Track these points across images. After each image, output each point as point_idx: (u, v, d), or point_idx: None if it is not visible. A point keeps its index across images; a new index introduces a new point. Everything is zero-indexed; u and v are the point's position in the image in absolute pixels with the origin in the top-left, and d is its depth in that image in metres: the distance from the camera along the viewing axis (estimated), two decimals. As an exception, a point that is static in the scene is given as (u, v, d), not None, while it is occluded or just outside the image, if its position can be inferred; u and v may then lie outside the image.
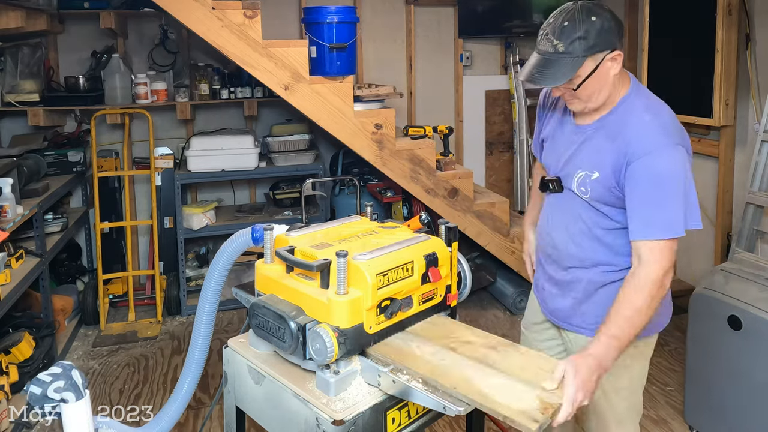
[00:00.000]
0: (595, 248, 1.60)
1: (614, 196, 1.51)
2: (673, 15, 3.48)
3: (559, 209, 1.67)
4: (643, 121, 1.48)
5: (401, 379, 1.32)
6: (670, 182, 1.42)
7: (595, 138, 1.55)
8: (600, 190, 1.53)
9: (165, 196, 3.94)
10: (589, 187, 1.54)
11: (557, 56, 1.44)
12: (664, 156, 1.43)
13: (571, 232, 1.63)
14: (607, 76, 1.47)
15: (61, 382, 1.23)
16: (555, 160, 1.66)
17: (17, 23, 2.98)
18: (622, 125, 1.49)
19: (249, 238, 1.62)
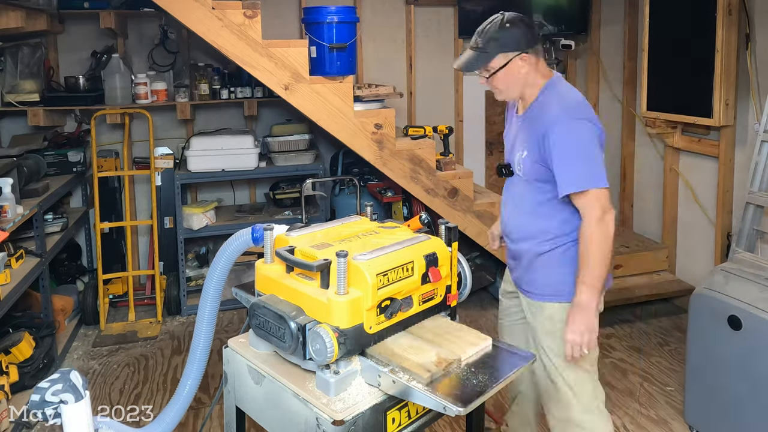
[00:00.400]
0: (531, 221, 1.90)
1: (541, 168, 1.82)
2: (673, 15, 3.48)
3: (508, 190, 2.00)
4: (553, 104, 1.83)
5: (401, 379, 1.32)
6: (577, 147, 1.75)
7: (525, 123, 1.90)
8: (529, 165, 1.85)
9: (165, 196, 3.94)
10: (522, 164, 1.87)
11: (476, 49, 1.85)
12: (570, 127, 1.76)
13: (515, 208, 1.96)
14: (518, 72, 1.84)
15: (59, 385, 1.24)
16: (508, 149, 2.00)
17: (17, 23, 2.98)
18: (540, 111, 1.85)
19: (249, 238, 1.62)
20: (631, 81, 4.17)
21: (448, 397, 1.28)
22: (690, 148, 3.63)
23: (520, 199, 1.92)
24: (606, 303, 3.55)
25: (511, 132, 1.98)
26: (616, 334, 3.44)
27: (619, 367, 3.07)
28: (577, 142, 1.75)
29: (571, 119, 1.76)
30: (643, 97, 3.68)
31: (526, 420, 2.24)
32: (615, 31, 4.33)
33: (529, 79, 1.86)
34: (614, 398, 2.80)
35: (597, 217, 1.72)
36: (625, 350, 3.25)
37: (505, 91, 1.88)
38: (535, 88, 1.87)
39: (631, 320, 3.60)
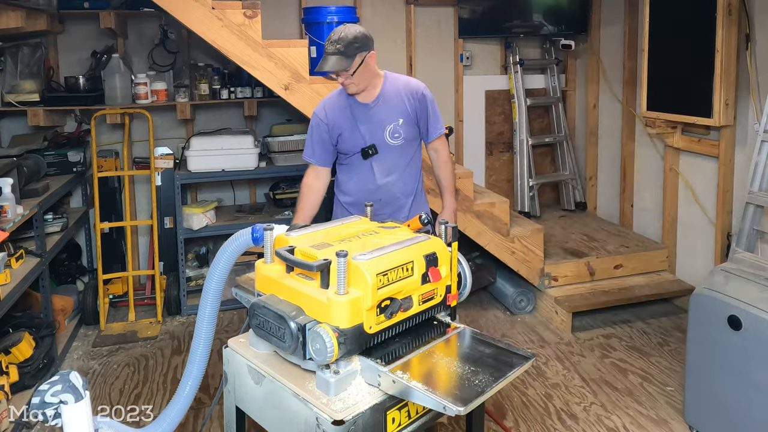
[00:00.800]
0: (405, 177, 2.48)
1: (416, 127, 2.45)
2: (673, 15, 3.48)
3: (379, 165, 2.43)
4: (405, 78, 2.49)
5: (401, 379, 1.32)
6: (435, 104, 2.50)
7: (381, 104, 2.40)
8: (409, 128, 2.43)
9: (165, 196, 3.93)
10: (401, 130, 2.41)
11: (339, 53, 2.25)
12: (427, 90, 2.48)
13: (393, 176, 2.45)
14: (369, 67, 2.33)
15: (58, 386, 1.24)
16: (359, 137, 2.41)
17: (17, 23, 2.98)
18: (395, 88, 2.43)
19: (249, 238, 1.62)
20: (631, 81, 4.17)
21: (448, 396, 1.28)
22: (690, 148, 3.63)
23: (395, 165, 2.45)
24: (606, 303, 3.57)
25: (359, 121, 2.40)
26: (616, 334, 3.44)
27: (619, 367, 3.07)
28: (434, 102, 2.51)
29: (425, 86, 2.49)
30: (643, 97, 3.68)
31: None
32: (615, 31, 4.33)
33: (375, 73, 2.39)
34: (614, 398, 2.80)
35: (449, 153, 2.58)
36: (625, 350, 3.25)
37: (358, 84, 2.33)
38: (378, 80, 2.41)
39: (631, 320, 3.60)
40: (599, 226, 4.37)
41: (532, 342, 3.37)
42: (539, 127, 4.79)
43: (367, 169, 2.46)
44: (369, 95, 2.41)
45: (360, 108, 2.42)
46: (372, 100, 2.41)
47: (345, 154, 2.49)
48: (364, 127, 2.41)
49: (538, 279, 3.64)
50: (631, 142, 4.22)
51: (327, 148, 2.48)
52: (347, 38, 2.25)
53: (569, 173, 4.70)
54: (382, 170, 2.45)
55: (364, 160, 2.44)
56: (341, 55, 2.24)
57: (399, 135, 2.41)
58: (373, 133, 2.41)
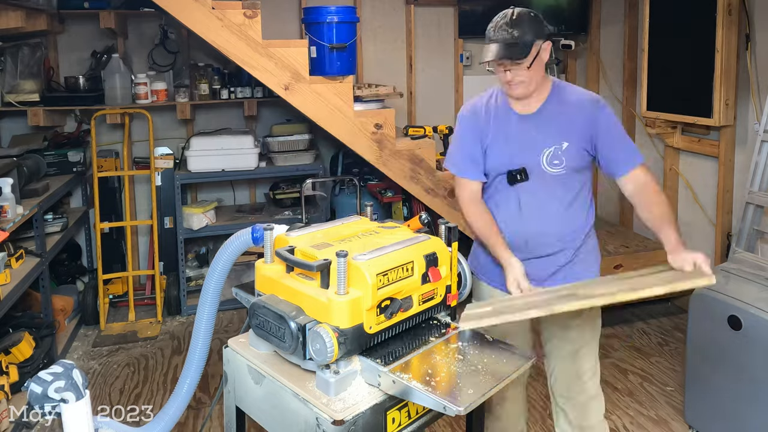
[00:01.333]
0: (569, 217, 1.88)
1: (586, 156, 1.85)
2: (673, 15, 3.48)
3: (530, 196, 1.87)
4: (578, 90, 1.90)
5: (401, 379, 1.32)
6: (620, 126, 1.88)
7: (545, 119, 1.85)
8: (575, 155, 1.82)
9: (165, 196, 3.93)
10: (563, 157, 1.82)
11: (515, 40, 1.77)
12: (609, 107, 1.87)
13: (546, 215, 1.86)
14: (542, 61, 1.83)
15: (61, 381, 1.23)
16: (509, 154, 1.87)
17: (17, 23, 2.98)
18: (566, 99, 1.86)
19: (249, 238, 1.62)
20: (631, 81, 4.17)
21: (447, 396, 1.28)
22: (690, 148, 3.62)
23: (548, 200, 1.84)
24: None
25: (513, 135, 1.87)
26: (616, 334, 3.44)
27: (619, 367, 3.07)
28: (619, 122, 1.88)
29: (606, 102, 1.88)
30: (643, 97, 3.68)
31: None
32: (615, 31, 4.33)
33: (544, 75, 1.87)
34: (614, 398, 2.80)
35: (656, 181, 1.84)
36: (625, 350, 3.25)
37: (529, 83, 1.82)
38: (547, 82, 1.88)
39: (631, 320, 3.60)
40: (599, 226, 4.35)
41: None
42: (539, 127, 4.79)
43: (512, 199, 1.89)
44: (529, 104, 1.87)
45: (516, 119, 1.89)
46: (533, 112, 1.86)
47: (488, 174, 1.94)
48: (516, 144, 1.86)
49: (538, 279, 3.63)
50: (631, 142, 4.22)
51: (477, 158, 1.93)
52: (523, 20, 1.78)
53: (569, 173, 4.69)
54: (532, 205, 1.86)
55: (510, 185, 1.88)
56: (516, 42, 1.76)
57: (560, 162, 1.82)
58: (525, 154, 1.85)
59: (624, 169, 1.81)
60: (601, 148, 1.82)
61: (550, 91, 1.87)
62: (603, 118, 1.82)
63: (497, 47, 1.80)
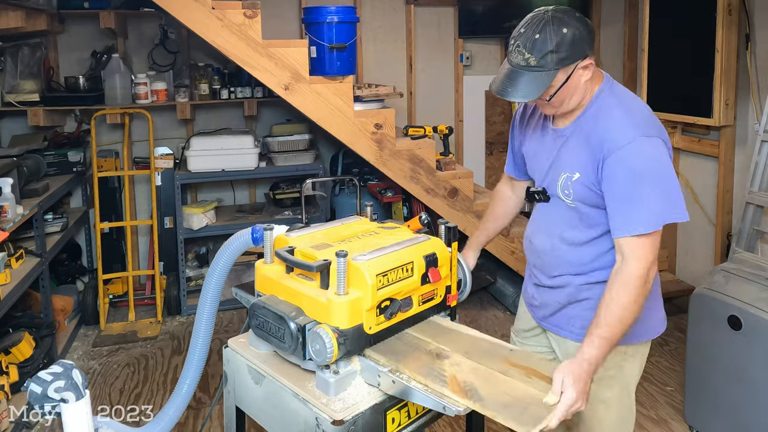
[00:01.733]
0: (579, 254, 1.59)
1: (596, 195, 1.50)
2: (673, 15, 3.48)
3: (545, 218, 1.67)
4: (615, 116, 1.47)
5: (401, 379, 1.32)
6: (646, 175, 1.41)
7: (572, 139, 1.55)
8: (582, 191, 1.52)
9: (165, 196, 3.93)
10: (572, 188, 1.54)
11: (529, 69, 1.43)
12: (637, 149, 1.41)
13: (555, 239, 1.63)
14: (579, 83, 1.49)
15: (61, 381, 1.23)
16: (539, 169, 1.66)
17: (17, 23, 2.98)
18: (595, 123, 1.50)
19: (249, 238, 1.62)
20: (631, 81, 4.17)
21: (447, 396, 1.27)
22: (690, 148, 3.62)
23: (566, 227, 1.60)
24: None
25: (544, 149, 1.63)
26: (616, 334, 3.44)
27: (619, 367, 3.07)
28: (646, 171, 1.41)
29: (639, 139, 1.41)
30: (643, 97, 3.68)
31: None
32: (615, 31, 4.33)
33: (588, 86, 1.52)
34: (614, 398, 2.80)
35: (643, 271, 1.40)
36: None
37: (558, 107, 1.53)
38: (588, 95, 1.53)
39: (631, 320, 3.60)
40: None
41: (532, 342, 3.37)
42: (539, 127, 4.79)
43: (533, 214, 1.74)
44: (566, 118, 1.58)
45: (550, 130, 1.63)
46: (567, 126, 1.57)
47: None
48: (544, 158, 1.63)
49: (538, 279, 3.63)
50: (631, 142, 4.22)
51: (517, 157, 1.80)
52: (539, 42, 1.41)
53: (569, 173, 4.70)
54: (543, 230, 1.67)
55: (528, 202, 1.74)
56: (532, 71, 1.43)
57: (569, 193, 1.55)
58: (549, 173, 1.62)
59: (614, 233, 1.45)
60: (605, 194, 1.47)
61: (589, 104, 1.53)
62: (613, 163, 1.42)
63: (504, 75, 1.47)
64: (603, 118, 1.49)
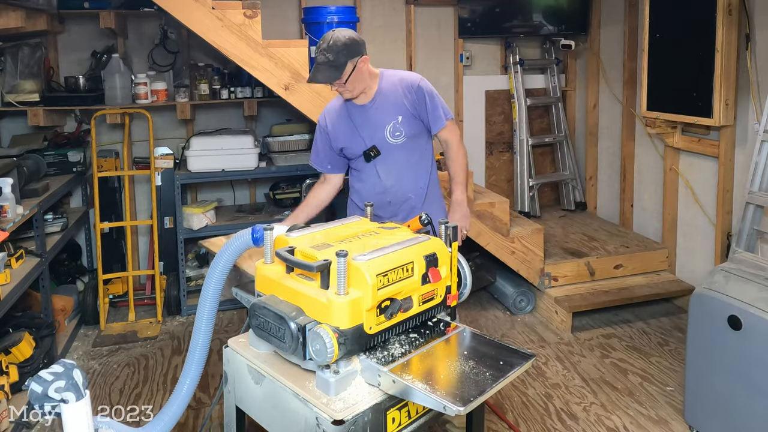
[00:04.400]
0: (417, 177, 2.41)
1: (418, 121, 2.36)
2: (673, 15, 3.48)
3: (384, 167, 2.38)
4: (399, 74, 2.41)
5: (401, 379, 1.32)
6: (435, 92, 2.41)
7: (378, 104, 2.35)
8: (410, 123, 2.35)
9: (165, 196, 3.93)
10: (402, 128, 2.34)
11: (331, 63, 2.19)
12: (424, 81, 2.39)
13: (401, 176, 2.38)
14: (362, 72, 2.27)
15: (62, 381, 1.23)
16: (361, 139, 2.37)
17: (17, 23, 2.98)
18: (391, 85, 2.36)
19: (249, 238, 1.62)
20: (631, 81, 4.17)
21: (447, 396, 1.28)
22: (690, 148, 3.63)
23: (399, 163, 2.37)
24: (606, 303, 3.57)
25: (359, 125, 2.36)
26: (616, 334, 3.44)
27: (619, 367, 3.07)
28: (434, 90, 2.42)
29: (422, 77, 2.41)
30: (643, 97, 3.68)
31: None
32: (615, 31, 4.33)
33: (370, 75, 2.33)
34: (614, 398, 2.80)
35: (460, 138, 2.46)
36: (625, 350, 3.25)
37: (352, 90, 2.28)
38: (374, 80, 2.35)
39: (631, 320, 3.60)
40: (599, 226, 4.37)
41: (532, 342, 3.37)
42: (539, 127, 4.79)
43: (372, 172, 2.41)
44: (366, 97, 2.36)
45: (358, 110, 2.38)
46: (369, 101, 2.36)
47: (351, 159, 2.45)
48: (364, 130, 2.37)
49: (538, 279, 3.64)
50: (631, 142, 4.22)
51: (330, 155, 2.47)
52: (336, 46, 2.19)
53: (569, 173, 4.70)
54: (388, 171, 2.39)
55: (367, 162, 2.40)
56: (331, 65, 2.19)
57: (400, 133, 2.34)
58: (373, 135, 2.36)
59: (435, 128, 2.39)
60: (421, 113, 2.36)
61: (379, 84, 2.35)
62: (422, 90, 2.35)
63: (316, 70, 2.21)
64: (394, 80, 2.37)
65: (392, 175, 2.39)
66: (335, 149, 2.45)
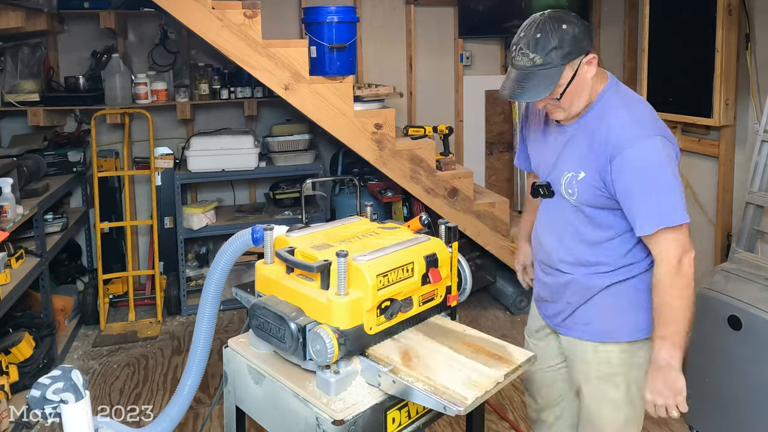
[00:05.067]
0: (584, 250, 1.61)
1: (602, 196, 1.52)
2: (673, 15, 3.48)
3: (550, 214, 1.68)
4: (620, 116, 1.49)
5: (401, 379, 1.32)
6: (654, 172, 1.44)
7: (576, 137, 1.57)
8: (587, 191, 1.54)
9: (165, 196, 3.94)
10: (576, 188, 1.56)
11: (536, 69, 1.46)
12: (642, 148, 1.44)
13: (560, 237, 1.64)
14: (585, 80, 1.51)
15: (60, 383, 1.23)
16: (544, 165, 1.67)
17: (17, 23, 2.98)
18: (599, 122, 1.52)
19: (249, 238, 1.62)
20: (631, 81, 4.17)
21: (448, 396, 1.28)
22: (690, 148, 3.62)
23: (569, 226, 1.61)
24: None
25: (548, 145, 1.65)
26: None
27: (619, 367, 3.07)
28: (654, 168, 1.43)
29: (644, 138, 1.44)
30: (643, 97, 3.68)
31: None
32: (615, 31, 4.33)
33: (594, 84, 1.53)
34: (614, 398, 2.80)
35: (672, 265, 1.44)
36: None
37: (569, 108, 1.53)
38: (594, 93, 1.55)
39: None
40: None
41: (532, 342, 3.37)
42: (539, 127, 4.79)
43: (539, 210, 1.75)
44: None
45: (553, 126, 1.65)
46: (570, 123, 1.59)
47: None
48: (550, 154, 1.65)
49: (538, 279, 3.63)
50: (631, 142, 4.22)
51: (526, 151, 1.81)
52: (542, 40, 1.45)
53: (569, 173, 4.69)
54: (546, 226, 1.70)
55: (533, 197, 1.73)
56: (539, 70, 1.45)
57: (573, 193, 1.57)
58: (553, 169, 1.63)
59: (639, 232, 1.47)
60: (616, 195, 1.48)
61: (593, 102, 1.55)
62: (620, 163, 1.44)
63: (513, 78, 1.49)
64: (608, 117, 1.50)
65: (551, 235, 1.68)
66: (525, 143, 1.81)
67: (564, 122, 1.60)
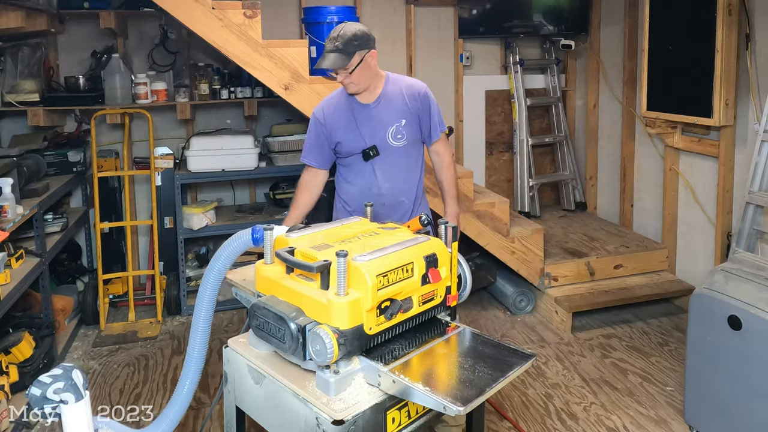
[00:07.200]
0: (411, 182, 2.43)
1: (418, 128, 2.40)
2: (673, 15, 3.48)
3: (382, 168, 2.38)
4: (407, 79, 2.45)
5: (401, 379, 1.32)
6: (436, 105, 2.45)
7: (383, 105, 2.36)
8: (412, 129, 2.38)
9: (165, 196, 3.93)
10: (403, 131, 2.36)
11: (339, 51, 2.21)
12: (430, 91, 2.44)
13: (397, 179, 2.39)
14: (370, 66, 2.28)
15: (60, 383, 1.23)
16: (361, 138, 2.36)
17: (17, 23, 2.98)
18: (397, 89, 2.38)
19: (249, 238, 1.62)
20: (631, 81, 4.17)
21: (447, 396, 1.28)
22: (690, 148, 3.63)
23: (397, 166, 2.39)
24: (606, 303, 3.57)
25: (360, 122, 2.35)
26: (616, 334, 3.44)
27: (619, 367, 3.07)
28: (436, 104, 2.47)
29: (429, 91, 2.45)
30: (643, 97, 3.68)
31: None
32: (615, 31, 4.33)
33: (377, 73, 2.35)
34: (614, 398, 2.80)
35: (451, 152, 2.54)
36: (625, 350, 3.25)
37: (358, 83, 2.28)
38: (379, 80, 2.36)
39: (631, 320, 3.60)
40: (599, 226, 4.37)
41: (532, 342, 3.37)
42: (539, 127, 4.79)
43: (368, 172, 2.40)
44: (370, 95, 2.36)
45: (361, 109, 2.37)
46: (373, 101, 2.35)
47: (345, 156, 2.42)
48: (365, 128, 2.36)
49: (538, 279, 3.64)
50: (631, 142, 4.22)
51: (324, 150, 2.43)
52: (346, 36, 2.20)
53: (569, 173, 4.70)
54: (385, 173, 2.39)
55: (365, 161, 2.38)
56: (340, 53, 2.20)
57: (402, 136, 2.35)
58: (374, 135, 2.36)
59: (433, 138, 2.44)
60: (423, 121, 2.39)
61: (384, 85, 2.37)
62: (427, 99, 2.39)
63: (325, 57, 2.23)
64: (400, 85, 2.39)
65: (389, 177, 2.39)
66: (331, 143, 2.41)
67: (367, 102, 2.35)
